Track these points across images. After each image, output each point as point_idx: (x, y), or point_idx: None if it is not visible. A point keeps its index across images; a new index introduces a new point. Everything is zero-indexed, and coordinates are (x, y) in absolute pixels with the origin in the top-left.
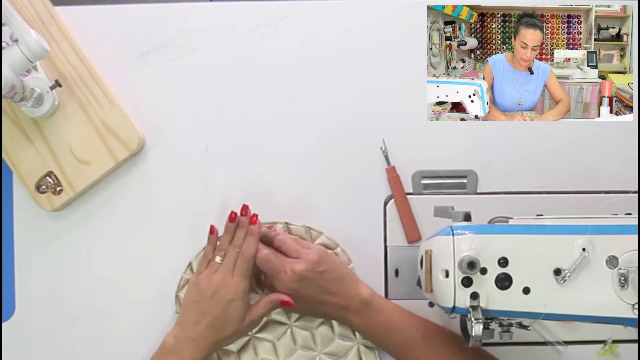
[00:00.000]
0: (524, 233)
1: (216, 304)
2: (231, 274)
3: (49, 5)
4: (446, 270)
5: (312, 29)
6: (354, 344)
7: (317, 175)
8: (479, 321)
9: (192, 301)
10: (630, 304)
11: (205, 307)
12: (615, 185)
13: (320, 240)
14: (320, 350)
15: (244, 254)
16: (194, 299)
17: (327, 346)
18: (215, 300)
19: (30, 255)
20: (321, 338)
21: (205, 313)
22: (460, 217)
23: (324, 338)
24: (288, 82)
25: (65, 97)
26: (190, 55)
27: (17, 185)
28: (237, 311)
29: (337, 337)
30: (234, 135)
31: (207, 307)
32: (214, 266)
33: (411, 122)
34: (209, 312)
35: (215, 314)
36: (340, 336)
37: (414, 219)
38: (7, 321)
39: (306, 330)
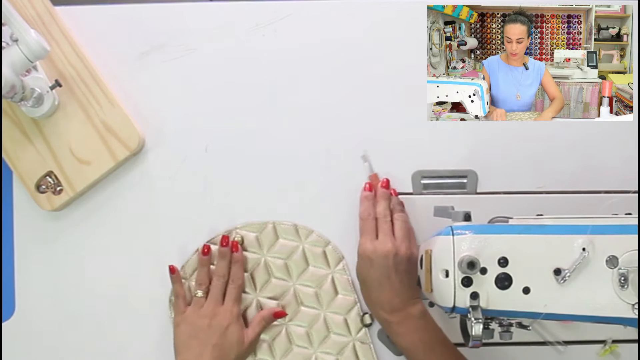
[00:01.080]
0: (524, 233)
1: (213, 333)
2: (220, 303)
3: (49, 5)
4: (446, 270)
5: (312, 29)
6: (349, 339)
7: (317, 174)
8: (479, 321)
9: (187, 338)
10: (630, 304)
11: (204, 338)
12: (615, 185)
13: (311, 238)
14: (315, 349)
15: (234, 280)
16: (189, 335)
17: (323, 343)
18: (212, 329)
19: (30, 255)
20: (317, 335)
21: (205, 344)
22: (460, 217)
23: (320, 335)
24: (288, 82)
25: (65, 97)
26: (190, 55)
27: (17, 185)
28: (234, 335)
29: (332, 334)
30: (234, 135)
31: (205, 338)
32: (199, 301)
33: (411, 122)
34: (208, 342)
35: (215, 343)
36: (336, 333)
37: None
38: (7, 321)
39: (301, 328)
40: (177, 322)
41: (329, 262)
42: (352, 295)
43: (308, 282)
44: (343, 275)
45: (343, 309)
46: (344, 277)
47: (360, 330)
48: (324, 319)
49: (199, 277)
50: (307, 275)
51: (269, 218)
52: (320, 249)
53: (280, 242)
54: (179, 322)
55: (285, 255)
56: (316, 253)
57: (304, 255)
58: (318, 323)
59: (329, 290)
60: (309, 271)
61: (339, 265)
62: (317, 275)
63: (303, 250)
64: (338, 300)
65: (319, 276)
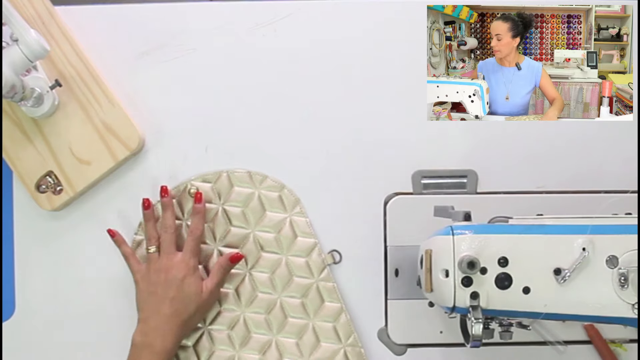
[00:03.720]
0: (524, 233)
1: (170, 287)
2: (174, 255)
3: (49, 5)
4: (446, 270)
5: (312, 28)
6: (312, 281)
7: (317, 174)
8: (479, 321)
9: (146, 295)
10: (630, 304)
11: (161, 293)
12: (615, 185)
13: (265, 184)
14: (280, 294)
15: (193, 232)
16: (147, 291)
17: (287, 287)
18: (168, 283)
19: (30, 255)
20: (280, 280)
21: (163, 299)
22: (460, 216)
23: (283, 280)
24: (288, 81)
25: (65, 97)
26: (190, 55)
27: (17, 185)
28: (192, 287)
29: (295, 277)
30: (234, 135)
31: (162, 293)
32: (152, 257)
33: (411, 122)
34: (165, 297)
35: (172, 296)
36: (298, 276)
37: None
38: (7, 321)
39: (264, 274)
40: (135, 281)
41: (285, 206)
42: (311, 238)
43: (267, 228)
44: (301, 218)
45: (304, 252)
46: (301, 219)
47: (323, 270)
48: (286, 263)
49: (147, 232)
50: (265, 220)
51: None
52: (276, 193)
53: (236, 190)
54: (137, 281)
55: (242, 203)
56: (272, 198)
57: (260, 201)
58: (280, 268)
59: (288, 234)
60: (267, 216)
61: (296, 208)
62: (275, 219)
63: (259, 197)
64: (298, 243)
65: (276, 220)
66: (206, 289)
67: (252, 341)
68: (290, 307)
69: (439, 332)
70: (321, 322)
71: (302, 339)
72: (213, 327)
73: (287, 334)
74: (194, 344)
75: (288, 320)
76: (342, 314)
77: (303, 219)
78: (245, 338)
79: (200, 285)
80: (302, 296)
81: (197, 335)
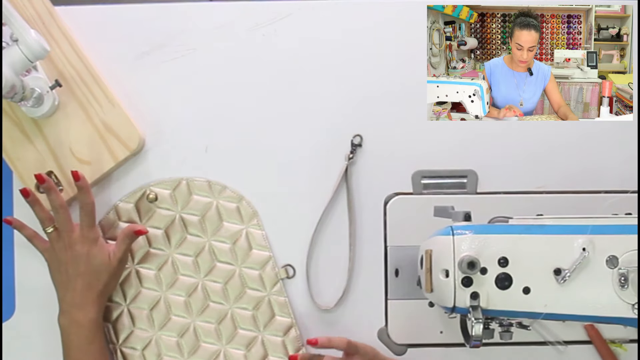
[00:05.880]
0: (524, 233)
1: (78, 263)
2: (73, 232)
3: (49, 5)
4: (446, 270)
5: (313, 28)
6: (264, 294)
7: (317, 174)
8: (479, 321)
9: (57, 274)
10: (630, 304)
11: (71, 270)
12: (615, 185)
13: (224, 194)
14: (232, 305)
15: (83, 207)
16: (58, 270)
17: (239, 299)
18: (75, 260)
19: (30, 255)
20: (232, 291)
21: (74, 276)
22: (460, 217)
23: (235, 291)
24: (288, 81)
25: (65, 97)
26: (191, 55)
27: (17, 185)
28: (98, 258)
29: (247, 289)
30: (234, 135)
31: (72, 271)
32: (53, 237)
33: (411, 122)
34: (75, 273)
35: (81, 271)
36: (251, 288)
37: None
38: (7, 321)
39: (217, 284)
40: (46, 260)
41: (242, 217)
42: (266, 251)
43: (223, 238)
44: (257, 230)
45: (258, 264)
46: (258, 232)
47: (276, 284)
48: (239, 274)
49: (39, 215)
50: (221, 231)
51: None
52: (234, 204)
53: (194, 199)
54: (47, 260)
55: (200, 212)
56: (230, 209)
57: (218, 211)
58: (233, 279)
59: (243, 246)
60: (224, 227)
61: (253, 221)
62: (232, 230)
63: (217, 206)
64: (253, 255)
65: (233, 232)
66: (114, 256)
67: (200, 350)
68: (240, 319)
69: (439, 332)
70: (270, 336)
71: (251, 351)
72: (164, 333)
73: (236, 345)
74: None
75: (238, 332)
76: (292, 328)
77: (259, 231)
78: (194, 347)
79: (106, 254)
80: (254, 308)
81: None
